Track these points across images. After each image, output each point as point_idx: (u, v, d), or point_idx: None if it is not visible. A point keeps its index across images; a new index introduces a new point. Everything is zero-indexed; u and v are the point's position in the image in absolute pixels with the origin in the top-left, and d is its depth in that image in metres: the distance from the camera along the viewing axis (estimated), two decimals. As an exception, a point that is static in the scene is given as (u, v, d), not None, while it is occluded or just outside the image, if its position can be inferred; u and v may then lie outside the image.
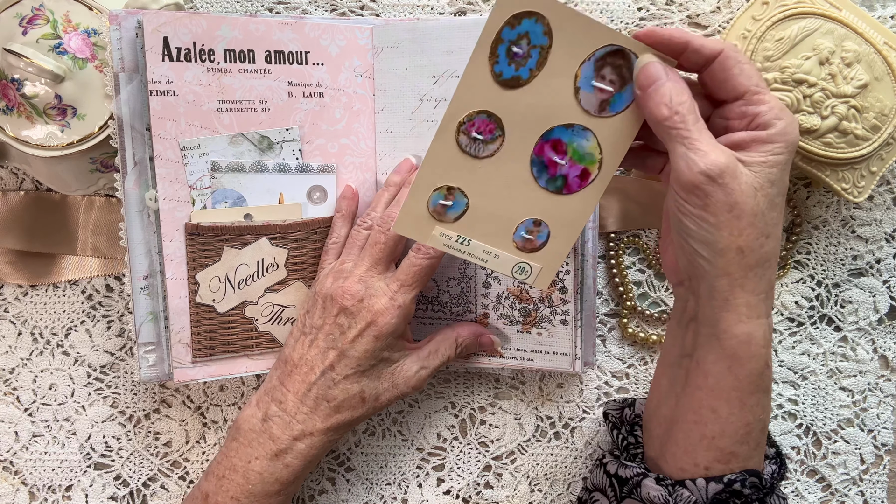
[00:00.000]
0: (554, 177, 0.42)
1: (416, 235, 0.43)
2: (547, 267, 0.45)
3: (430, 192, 0.42)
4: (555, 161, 0.41)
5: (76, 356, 0.60)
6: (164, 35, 0.49)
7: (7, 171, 0.60)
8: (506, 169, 0.42)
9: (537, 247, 0.44)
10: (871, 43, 0.50)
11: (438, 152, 0.41)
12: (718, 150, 0.38)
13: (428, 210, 0.42)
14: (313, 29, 0.52)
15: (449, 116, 0.40)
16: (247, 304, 0.53)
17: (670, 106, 0.38)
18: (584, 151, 0.41)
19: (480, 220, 0.43)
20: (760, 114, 0.39)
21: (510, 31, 0.38)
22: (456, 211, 0.43)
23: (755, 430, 0.41)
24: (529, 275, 0.45)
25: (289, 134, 0.53)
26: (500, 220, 0.43)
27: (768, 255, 0.39)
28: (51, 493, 0.60)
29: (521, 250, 0.44)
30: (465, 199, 0.42)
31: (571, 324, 0.54)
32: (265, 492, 0.48)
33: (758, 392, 0.40)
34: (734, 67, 0.39)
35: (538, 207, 0.43)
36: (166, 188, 0.51)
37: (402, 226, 0.43)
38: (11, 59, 0.50)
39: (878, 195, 0.58)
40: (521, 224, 0.43)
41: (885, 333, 0.59)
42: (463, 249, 0.44)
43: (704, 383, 0.41)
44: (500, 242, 0.44)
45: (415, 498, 0.60)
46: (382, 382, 0.50)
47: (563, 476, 0.60)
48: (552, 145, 0.41)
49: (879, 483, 0.59)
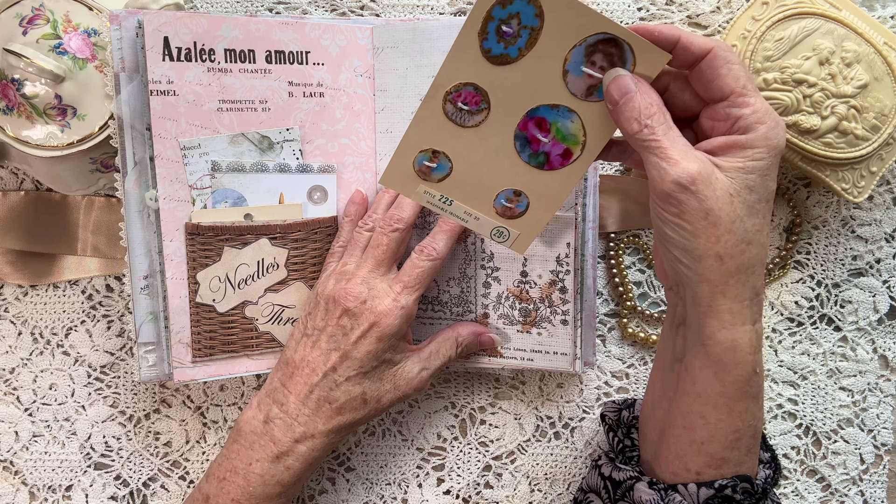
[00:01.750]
0: (536, 152, 0.42)
1: (401, 189, 0.44)
2: (525, 234, 0.45)
3: (416, 153, 0.43)
4: (538, 138, 0.42)
5: (76, 356, 0.60)
6: (164, 35, 0.49)
7: (7, 171, 0.60)
8: (490, 140, 0.42)
9: (516, 215, 0.45)
10: (871, 43, 0.50)
11: (425, 117, 0.42)
12: (690, 157, 0.37)
13: (413, 169, 0.43)
14: (314, 29, 0.52)
15: (436, 85, 0.41)
16: (247, 304, 0.53)
17: (640, 120, 0.38)
18: (567, 132, 0.42)
19: (463, 183, 0.44)
20: (742, 117, 0.38)
21: (501, 10, 0.38)
22: (440, 173, 0.43)
23: (745, 436, 0.40)
24: (507, 238, 0.45)
25: (289, 134, 0.53)
26: (481, 185, 0.44)
27: (751, 262, 0.38)
28: (51, 493, 0.60)
29: (500, 216, 0.45)
30: (449, 162, 0.43)
31: (571, 324, 0.54)
32: (266, 494, 0.48)
33: (745, 398, 0.40)
34: (722, 67, 0.39)
35: (519, 179, 0.43)
36: (166, 188, 0.51)
37: (389, 180, 0.44)
38: (11, 59, 0.50)
39: (878, 195, 0.58)
40: (502, 192, 0.44)
41: (884, 333, 0.59)
42: (445, 208, 0.44)
43: (692, 389, 0.41)
44: (481, 206, 0.44)
45: (415, 498, 0.60)
46: (384, 384, 0.50)
47: (563, 476, 0.60)
48: (536, 123, 0.42)
49: (879, 483, 0.59)
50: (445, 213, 0.45)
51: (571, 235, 0.53)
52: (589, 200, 0.53)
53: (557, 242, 0.53)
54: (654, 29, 0.39)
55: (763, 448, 0.45)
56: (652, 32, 0.39)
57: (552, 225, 0.53)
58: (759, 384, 0.40)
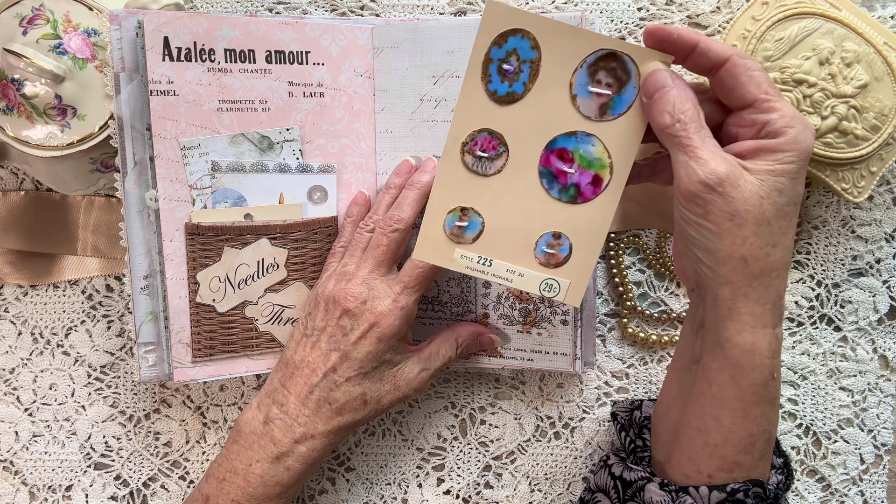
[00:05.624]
0: (566, 186, 0.42)
1: (437, 260, 0.43)
2: (575, 281, 0.44)
3: (444, 216, 0.42)
4: (563, 170, 0.41)
5: (76, 356, 0.60)
6: (164, 35, 0.49)
7: (7, 171, 0.60)
8: (516, 183, 0.42)
9: (561, 261, 0.43)
10: (871, 43, 0.50)
11: (447, 174, 0.41)
12: (719, 158, 0.37)
13: (445, 233, 0.43)
14: (314, 29, 0.52)
15: (452, 139, 0.41)
16: (247, 304, 0.53)
17: (673, 114, 0.38)
18: (591, 157, 0.41)
19: (498, 238, 0.43)
20: (771, 122, 0.38)
21: (498, 50, 0.39)
22: (473, 231, 0.43)
23: (759, 440, 0.40)
24: (559, 291, 0.44)
25: (289, 134, 0.53)
26: (518, 236, 0.43)
27: (775, 265, 0.38)
28: (51, 493, 0.60)
29: (545, 266, 0.43)
30: (479, 218, 0.42)
31: (571, 324, 0.54)
32: (266, 494, 0.48)
33: (762, 403, 0.40)
34: (742, 75, 0.38)
35: (555, 219, 0.42)
36: (166, 188, 0.51)
37: (423, 252, 0.43)
38: (11, 59, 0.50)
39: (878, 195, 0.58)
40: (541, 238, 0.43)
41: (884, 333, 0.59)
42: (486, 270, 0.43)
43: (708, 391, 0.40)
44: (523, 260, 0.43)
45: (415, 498, 0.60)
46: (384, 385, 0.50)
47: (563, 476, 0.60)
48: (558, 154, 0.41)
49: (879, 483, 0.59)
50: (487, 276, 0.43)
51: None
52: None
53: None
54: (674, 31, 0.39)
55: (777, 454, 0.45)
56: (671, 34, 0.39)
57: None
58: (776, 389, 0.40)
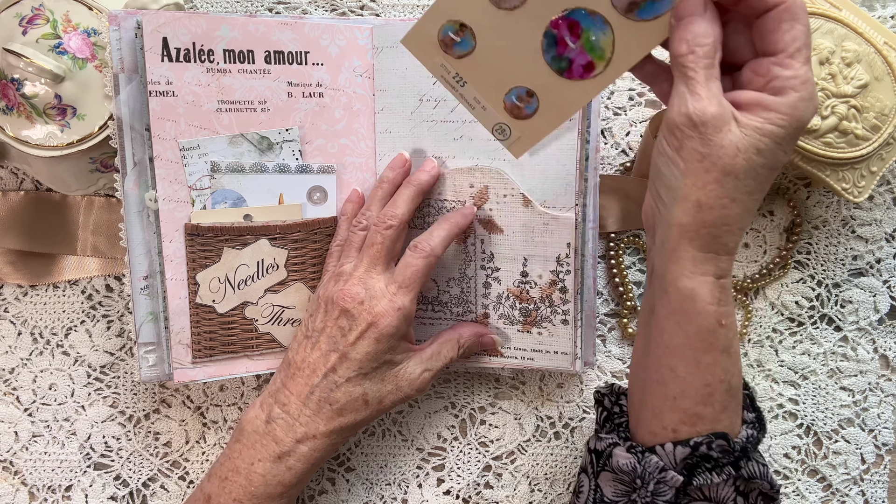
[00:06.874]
0: (560, 56, 0.42)
1: (419, 55, 0.43)
2: (525, 137, 0.45)
3: (443, 21, 0.42)
4: (566, 41, 0.41)
5: (76, 356, 0.60)
6: (163, 35, 0.49)
7: (7, 171, 0.60)
8: (520, 29, 0.41)
9: (523, 116, 0.44)
10: (871, 43, 0.50)
11: None
12: (715, 100, 0.37)
13: (437, 37, 0.43)
14: (313, 29, 0.52)
15: None
16: (247, 305, 0.53)
17: (690, 43, 0.37)
18: (596, 44, 0.41)
19: (481, 67, 0.43)
20: (780, 77, 0.37)
21: None
22: (462, 49, 0.43)
23: (718, 391, 0.40)
24: (507, 137, 0.45)
25: (288, 134, 0.53)
26: (498, 75, 0.43)
27: (729, 219, 0.38)
28: (51, 493, 0.60)
29: (508, 112, 0.44)
30: (473, 41, 0.42)
31: (572, 324, 0.54)
32: (268, 494, 0.48)
33: (712, 351, 0.39)
34: (786, 22, 0.37)
35: (536, 79, 0.43)
36: (166, 188, 0.51)
37: (410, 43, 0.43)
38: (11, 59, 0.50)
39: (878, 195, 0.58)
40: (515, 88, 0.43)
41: (885, 333, 0.59)
42: (457, 88, 0.44)
43: (661, 340, 0.41)
44: (492, 98, 0.44)
45: (415, 498, 0.60)
46: (386, 385, 0.49)
47: (563, 476, 0.60)
48: (569, 25, 0.41)
49: (880, 483, 0.59)
50: (456, 92, 0.44)
51: (571, 235, 0.53)
52: (589, 200, 0.53)
53: (557, 242, 0.53)
54: None
55: (751, 409, 0.44)
56: None
57: (553, 225, 0.53)
58: (727, 337, 0.40)
